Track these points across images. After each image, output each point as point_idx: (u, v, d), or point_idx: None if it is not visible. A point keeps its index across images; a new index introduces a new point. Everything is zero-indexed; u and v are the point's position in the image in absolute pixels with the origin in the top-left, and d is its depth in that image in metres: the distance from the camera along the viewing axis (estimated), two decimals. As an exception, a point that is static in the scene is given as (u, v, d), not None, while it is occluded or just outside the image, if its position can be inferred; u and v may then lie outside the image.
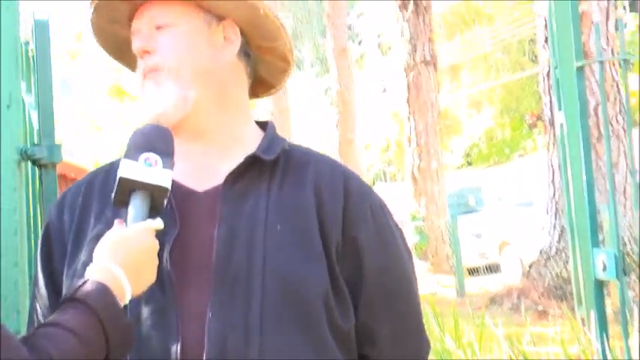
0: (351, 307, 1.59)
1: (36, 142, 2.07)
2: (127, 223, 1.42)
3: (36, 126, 2.11)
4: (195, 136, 1.64)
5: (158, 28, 1.62)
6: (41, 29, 2.05)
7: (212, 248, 1.52)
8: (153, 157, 1.46)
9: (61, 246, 1.61)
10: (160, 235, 1.49)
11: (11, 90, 1.94)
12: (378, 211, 1.67)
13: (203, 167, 1.64)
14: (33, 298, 1.66)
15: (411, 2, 15.19)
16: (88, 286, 1.31)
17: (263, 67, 1.78)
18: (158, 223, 1.44)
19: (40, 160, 2.01)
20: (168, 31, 1.62)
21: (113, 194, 1.45)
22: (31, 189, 2.24)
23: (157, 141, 1.50)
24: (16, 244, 1.93)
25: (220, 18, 1.67)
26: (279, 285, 1.51)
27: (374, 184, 30.42)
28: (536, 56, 24.03)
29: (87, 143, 30.00)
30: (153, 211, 1.46)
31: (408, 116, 15.81)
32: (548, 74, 9.19)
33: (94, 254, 1.39)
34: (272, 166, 1.62)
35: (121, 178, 1.43)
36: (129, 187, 1.44)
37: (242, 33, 1.69)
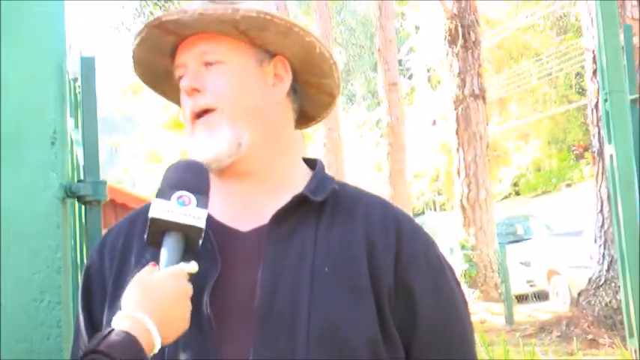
0: (402, 353, 1.45)
1: (82, 178, 1.97)
2: (160, 266, 1.31)
3: (82, 163, 2.01)
4: (244, 176, 1.52)
5: (207, 64, 1.50)
6: (87, 66, 1.96)
7: (255, 292, 1.39)
8: (186, 195, 1.34)
9: (101, 289, 1.50)
10: (201, 277, 1.38)
11: (56, 127, 1.85)
12: (432, 255, 1.53)
13: (249, 207, 1.51)
14: (75, 338, 1.57)
15: (460, 38, 15.04)
16: (113, 337, 1.18)
17: (307, 100, 1.65)
18: (192, 267, 1.32)
19: (84, 197, 1.91)
20: (219, 68, 1.49)
21: (146, 235, 1.34)
22: (77, 226, 2.15)
23: (191, 179, 1.38)
24: (59, 282, 1.82)
25: (271, 55, 1.54)
26: (325, 332, 1.37)
27: (424, 212, 30.24)
28: (582, 89, 23.70)
29: (149, 175, 30.32)
30: (188, 253, 1.34)
31: (457, 147, 15.59)
32: (596, 106, 9.01)
33: (122, 300, 1.27)
34: (320, 206, 1.49)
35: (152, 219, 1.32)
36: (161, 228, 1.32)
37: (291, 69, 1.57)
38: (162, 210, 1.32)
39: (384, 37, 16.79)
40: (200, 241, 1.34)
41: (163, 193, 1.35)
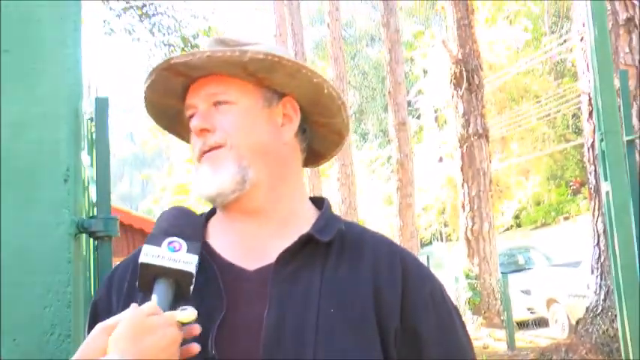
0: None
1: (94, 214, 1.89)
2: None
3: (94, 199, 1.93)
4: (250, 214, 1.42)
5: (216, 104, 1.42)
6: (101, 107, 1.89)
7: (261, 332, 1.28)
8: (177, 241, 1.25)
9: None
10: (206, 316, 1.28)
11: (69, 164, 1.77)
12: (438, 297, 1.43)
13: (254, 246, 1.41)
14: None
15: (465, 81, 14.98)
16: None
17: (316, 139, 1.56)
18: (188, 315, 1.20)
19: (96, 232, 1.83)
20: (229, 109, 1.41)
21: (137, 281, 1.24)
22: (91, 259, 2.06)
23: (183, 225, 1.30)
24: (70, 316, 1.73)
25: (280, 95, 1.46)
26: None
27: (431, 242, 30.09)
28: (579, 129, 23.57)
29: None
30: (180, 298, 1.24)
31: (462, 183, 15.47)
32: (592, 146, 8.90)
33: (112, 337, 1.16)
34: (327, 246, 1.39)
35: (141, 264, 1.23)
36: (151, 274, 1.23)
37: (300, 109, 1.49)
38: (152, 255, 1.23)
39: (394, 80, 16.78)
40: (191, 287, 1.25)
41: (155, 238, 1.26)
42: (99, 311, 1.43)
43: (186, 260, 1.23)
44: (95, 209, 1.95)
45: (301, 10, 21.72)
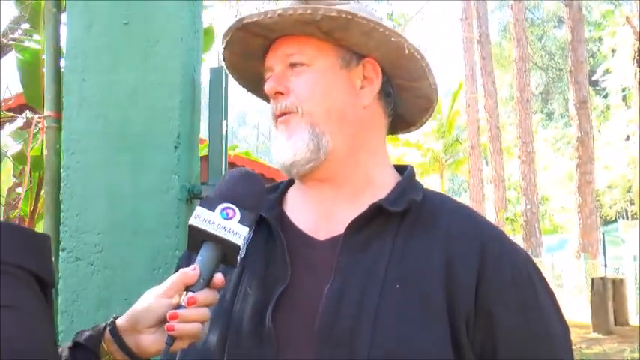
0: None
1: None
2: None
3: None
4: (325, 182, 1.24)
5: (292, 66, 1.24)
6: (216, 77, 1.77)
7: (319, 306, 1.11)
8: (231, 209, 1.09)
9: None
10: (268, 286, 1.14)
11: (180, 132, 1.68)
12: (523, 275, 1.16)
13: (328, 214, 1.23)
14: None
15: (650, 58, 13.67)
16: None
17: (402, 104, 1.34)
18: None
19: (207, 198, 1.72)
20: (303, 70, 1.23)
21: (188, 241, 1.11)
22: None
23: (243, 192, 1.13)
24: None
25: (360, 56, 1.26)
26: (388, 354, 1.07)
27: (616, 220, 28.24)
28: None
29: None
30: (226, 264, 1.09)
31: (643, 161, 14.22)
32: None
33: None
34: (401, 217, 1.18)
35: (190, 226, 1.08)
36: (199, 237, 1.08)
37: (384, 71, 1.27)
38: (202, 219, 1.08)
39: (575, 59, 15.71)
40: (238, 258, 1.09)
41: (210, 201, 1.11)
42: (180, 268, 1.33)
43: (235, 230, 1.08)
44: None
45: (487, -6, 20.93)
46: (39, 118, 1.79)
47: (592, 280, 11.73)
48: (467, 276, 1.12)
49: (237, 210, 1.09)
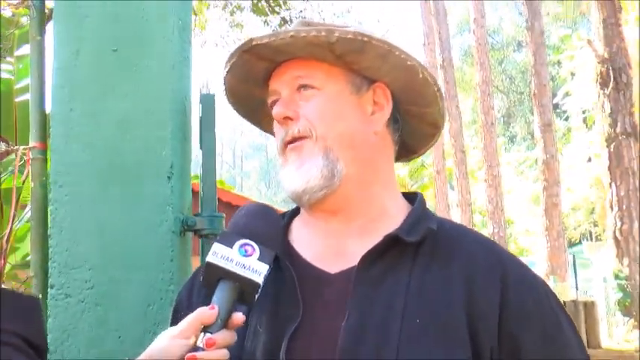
0: None
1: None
2: None
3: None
4: (335, 212, 1.20)
5: (300, 89, 1.21)
6: (207, 103, 1.73)
7: (337, 343, 1.07)
8: (250, 245, 1.05)
9: None
10: (280, 323, 1.10)
11: (173, 161, 1.63)
12: (544, 305, 1.14)
13: (339, 246, 1.19)
14: None
15: (612, 80, 13.97)
16: None
17: (409, 132, 1.32)
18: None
19: (201, 230, 1.68)
20: (313, 94, 1.20)
21: (201, 278, 1.06)
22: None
23: (260, 226, 1.09)
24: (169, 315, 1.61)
25: (370, 81, 1.23)
26: None
27: (580, 242, 28.65)
28: None
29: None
30: (242, 303, 1.05)
31: (609, 183, 14.43)
32: None
33: None
34: (416, 248, 1.14)
35: (207, 263, 1.04)
36: (217, 274, 1.04)
37: (392, 96, 1.25)
38: (221, 256, 1.05)
39: (539, 83, 15.98)
40: (256, 296, 1.05)
41: (228, 237, 1.07)
42: (180, 313, 1.27)
43: (255, 268, 1.04)
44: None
45: (448, 19, 21.25)
46: (24, 149, 1.72)
47: (564, 303, 11.83)
48: (489, 307, 1.10)
49: (256, 246, 1.06)
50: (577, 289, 15.31)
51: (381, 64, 1.21)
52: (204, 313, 1.02)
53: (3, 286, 2.51)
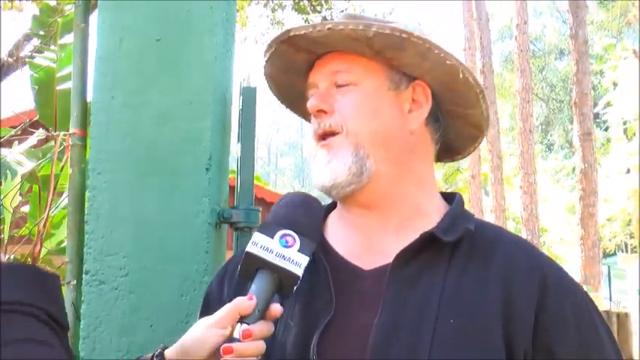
0: None
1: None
2: None
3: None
4: (369, 209, 1.18)
5: (338, 85, 1.19)
6: (248, 96, 1.72)
7: (368, 340, 1.05)
8: (291, 236, 1.03)
9: None
10: (312, 318, 1.09)
11: (212, 153, 1.62)
12: (584, 313, 1.11)
13: (373, 243, 1.17)
14: None
15: (655, 92, 13.70)
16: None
17: (452, 132, 1.29)
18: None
19: (236, 223, 1.67)
20: (350, 90, 1.18)
21: (239, 267, 1.05)
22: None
23: (301, 217, 1.07)
24: (205, 306, 1.60)
25: (410, 78, 1.21)
26: None
27: (615, 253, 28.19)
28: None
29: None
30: (280, 294, 1.04)
31: (647, 195, 14.17)
32: None
33: None
34: (452, 248, 1.12)
35: (247, 253, 1.02)
36: (255, 264, 1.02)
37: (433, 95, 1.22)
38: (261, 246, 1.03)
39: (580, 91, 15.68)
40: (295, 288, 1.04)
41: (268, 227, 1.05)
42: (211, 302, 1.27)
43: (295, 260, 1.03)
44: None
45: (490, 24, 21.03)
46: (64, 135, 1.73)
47: (596, 314, 11.64)
48: (526, 311, 1.07)
49: (296, 237, 1.04)
50: (611, 300, 15.06)
51: (421, 61, 1.19)
52: (243, 304, 1.00)
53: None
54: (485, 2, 20.07)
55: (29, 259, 2.50)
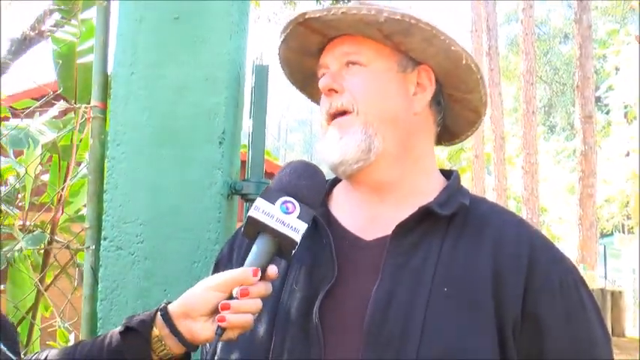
0: None
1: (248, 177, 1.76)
2: (245, 264, 1.07)
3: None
4: (373, 186, 1.22)
5: (348, 65, 1.22)
6: (260, 74, 1.75)
7: (367, 305, 1.09)
8: (291, 202, 1.07)
9: None
10: (315, 284, 1.12)
11: (225, 128, 1.65)
12: (569, 284, 1.14)
13: (375, 216, 1.21)
14: None
15: (656, 77, 13.61)
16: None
17: (450, 116, 1.32)
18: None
19: (247, 195, 1.70)
20: (360, 70, 1.21)
21: (242, 228, 1.09)
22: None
23: (304, 185, 1.10)
24: (216, 273, 1.63)
25: (416, 62, 1.23)
26: (436, 355, 1.04)
27: (612, 234, 28.18)
28: None
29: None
30: (280, 256, 1.08)
31: (646, 177, 14.14)
32: None
33: None
34: (448, 221, 1.16)
35: (249, 217, 1.06)
36: (257, 228, 1.06)
37: (436, 79, 1.25)
38: (262, 211, 1.06)
39: (583, 75, 15.63)
40: (293, 252, 1.08)
41: (271, 194, 1.09)
42: (220, 267, 1.31)
43: (294, 226, 1.06)
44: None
45: (497, 7, 20.87)
46: (86, 107, 1.76)
47: (592, 290, 11.71)
48: (515, 282, 1.11)
49: (297, 204, 1.07)
50: (606, 279, 15.12)
51: (427, 46, 1.21)
52: (248, 278, 1.05)
53: (56, 237, 2.58)
54: (492, -14, 19.90)
55: (49, 226, 2.54)
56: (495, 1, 20.29)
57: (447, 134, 1.37)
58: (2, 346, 1.02)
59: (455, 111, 1.32)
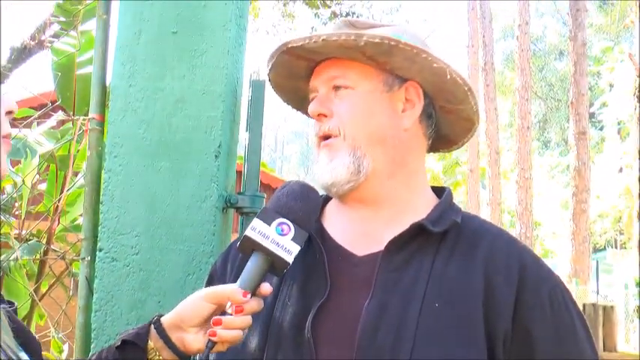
0: None
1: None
2: (238, 280, 1.11)
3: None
4: (364, 202, 1.24)
5: (336, 88, 1.24)
6: (257, 89, 1.75)
7: (359, 320, 1.10)
8: (287, 224, 1.10)
9: None
10: (308, 298, 1.14)
11: (222, 141, 1.66)
12: (558, 299, 1.15)
13: (367, 232, 1.22)
14: None
15: (649, 94, 13.65)
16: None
17: (445, 124, 1.33)
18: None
19: (242, 208, 1.70)
20: (347, 94, 1.23)
21: (238, 244, 1.12)
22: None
23: (299, 207, 1.13)
24: (210, 285, 1.63)
25: (403, 79, 1.25)
26: None
27: (605, 249, 28.21)
28: None
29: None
30: (272, 273, 1.12)
31: (638, 194, 14.16)
32: None
33: None
34: (440, 238, 1.17)
35: (245, 236, 1.09)
36: (252, 246, 1.10)
37: (426, 93, 1.26)
38: (258, 232, 1.10)
39: (577, 91, 15.66)
40: (285, 271, 1.11)
41: (267, 214, 1.12)
42: (214, 279, 1.34)
43: (288, 248, 1.09)
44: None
45: (493, 23, 20.97)
46: (84, 119, 1.76)
47: (584, 305, 11.71)
48: (506, 296, 1.12)
49: (292, 227, 1.10)
50: (598, 294, 15.13)
51: (410, 65, 1.23)
52: (237, 297, 1.07)
53: (52, 247, 2.58)
54: (489, 2, 20.01)
55: (45, 235, 2.54)
56: (492, 17, 20.39)
57: (445, 142, 1.39)
58: None
59: (450, 121, 1.33)
